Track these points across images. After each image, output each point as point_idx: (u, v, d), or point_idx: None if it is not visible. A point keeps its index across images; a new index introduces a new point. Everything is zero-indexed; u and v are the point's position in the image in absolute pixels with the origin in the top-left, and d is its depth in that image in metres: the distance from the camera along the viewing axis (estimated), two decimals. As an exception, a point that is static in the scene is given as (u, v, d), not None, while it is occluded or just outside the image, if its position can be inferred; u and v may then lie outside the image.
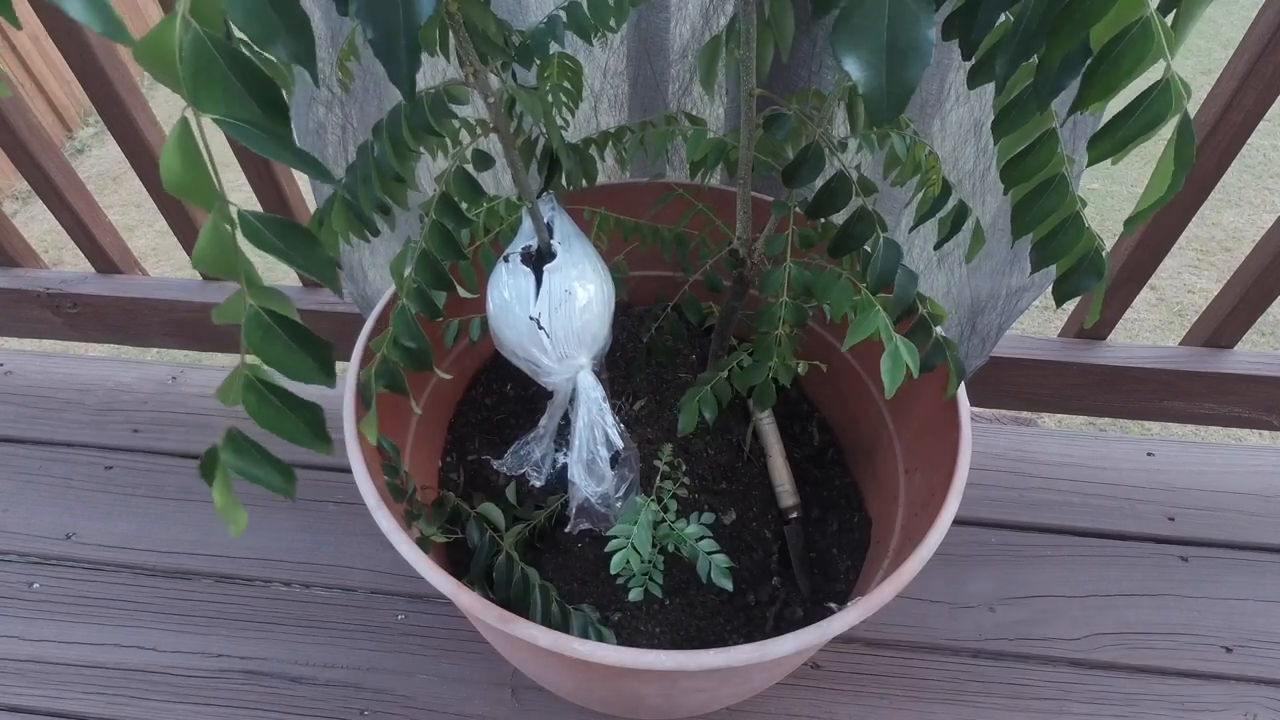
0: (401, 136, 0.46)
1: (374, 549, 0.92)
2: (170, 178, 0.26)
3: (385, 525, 0.55)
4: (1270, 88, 0.73)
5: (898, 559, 0.60)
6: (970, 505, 0.95)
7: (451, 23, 0.44)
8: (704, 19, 0.71)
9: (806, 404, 0.89)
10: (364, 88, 0.75)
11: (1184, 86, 0.32)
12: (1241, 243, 2.42)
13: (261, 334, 0.31)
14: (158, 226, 2.68)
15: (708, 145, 0.62)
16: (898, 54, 0.29)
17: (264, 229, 0.29)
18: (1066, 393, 1.02)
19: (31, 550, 0.94)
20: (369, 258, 0.93)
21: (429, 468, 0.80)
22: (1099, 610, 0.87)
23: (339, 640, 0.85)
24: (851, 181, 0.52)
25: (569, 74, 0.62)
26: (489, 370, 0.88)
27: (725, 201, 0.70)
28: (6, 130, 0.92)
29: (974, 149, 0.75)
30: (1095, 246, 0.44)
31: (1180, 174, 0.33)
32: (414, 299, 0.52)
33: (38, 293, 1.09)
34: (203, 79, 0.26)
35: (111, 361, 1.15)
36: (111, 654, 0.85)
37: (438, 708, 0.80)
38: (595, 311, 0.58)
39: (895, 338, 0.51)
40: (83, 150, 3.23)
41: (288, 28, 0.27)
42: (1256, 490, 0.97)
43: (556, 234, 0.59)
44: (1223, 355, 0.98)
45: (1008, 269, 0.86)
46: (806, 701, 0.81)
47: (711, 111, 0.79)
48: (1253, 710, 0.80)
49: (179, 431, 1.05)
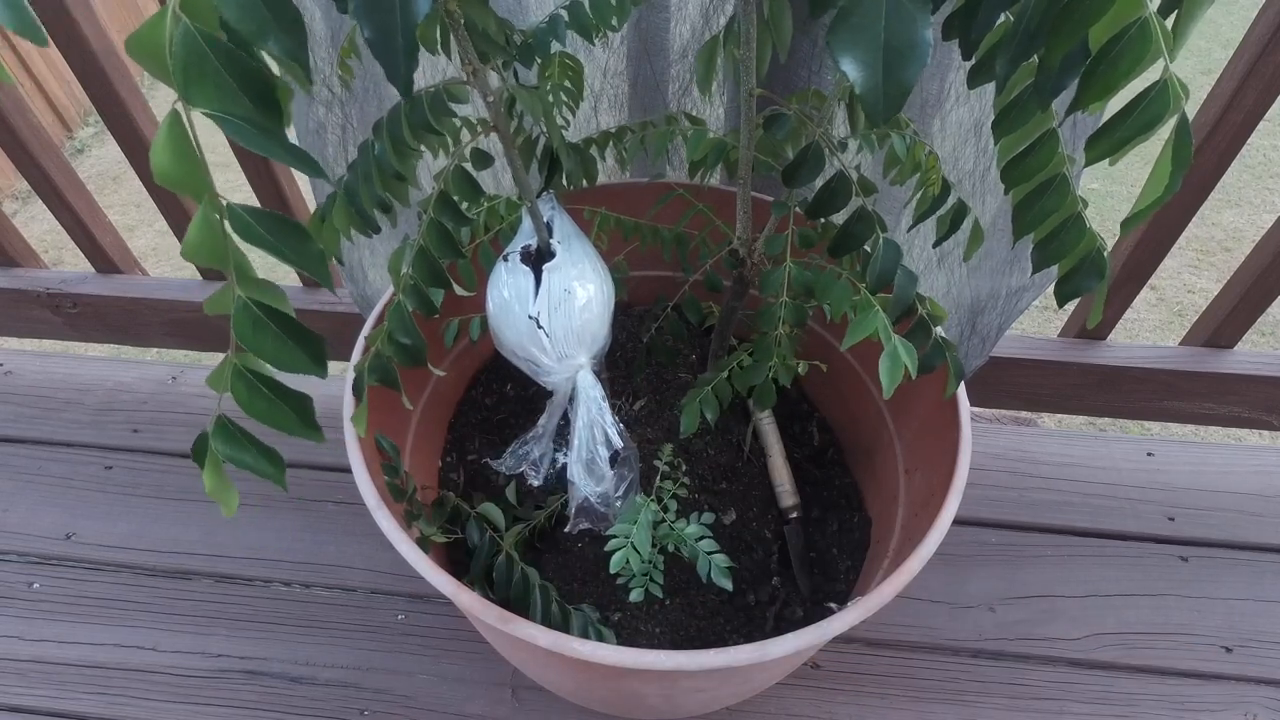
0: (402, 135, 0.46)
1: (374, 549, 0.92)
2: (160, 169, 0.27)
3: (385, 525, 0.55)
4: (1270, 88, 0.73)
5: (898, 559, 0.60)
6: (970, 505, 0.95)
7: (451, 21, 0.44)
8: (704, 19, 0.71)
9: (806, 404, 0.89)
10: (364, 87, 0.75)
11: (1182, 87, 0.32)
12: (1241, 243, 2.42)
13: (251, 325, 0.31)
14: (158, 226, 2.68)
15: (708, 145, 0.62)
16: (895, 54, 0.29)
17: (255, 223, 0.29)
18: (1066, 393, 1.02)
19: (31, 550, 0.94)
20: (369, 257, 0.93)
21: (429, 468, 0.80)
22: (1099, 610, 0.87)
23: (339, 640, 0.85)
24: (851, 181, 0.52)
25: (570, 73, 0.62)
26: (489, 370, 0.88)
27: (725, 201, 0.70)
28: (6, 130, 0.92)
29: (974, 149, 0.75)
30: (1097, 247, 0.44)
31: (1178, 174, 0.33)
32: (410, 295, 0.52)
33: (38, 293, 1.09)
34: (194, 73, 0.26)
35: (111, 361, 1.15)
36: (111, 654, 0.85)
37: (438, 708, 0.80)
38: (595, 311, 0.58)
39: (894, 338, 0.51)
40: (83, 150, 3.23)
41: (280, 24, 0.27)
42: (1256, 490, 0.97)
43: (556, 233, 0.59)
44: (1223, 355, 0.98)
45: (1008, 269, 0.86)
46: (806, 701, 0.81)
47: (711, 111, 0.79)
48: (1252, 710, 0.80)
49: (179, 431, 1.05)
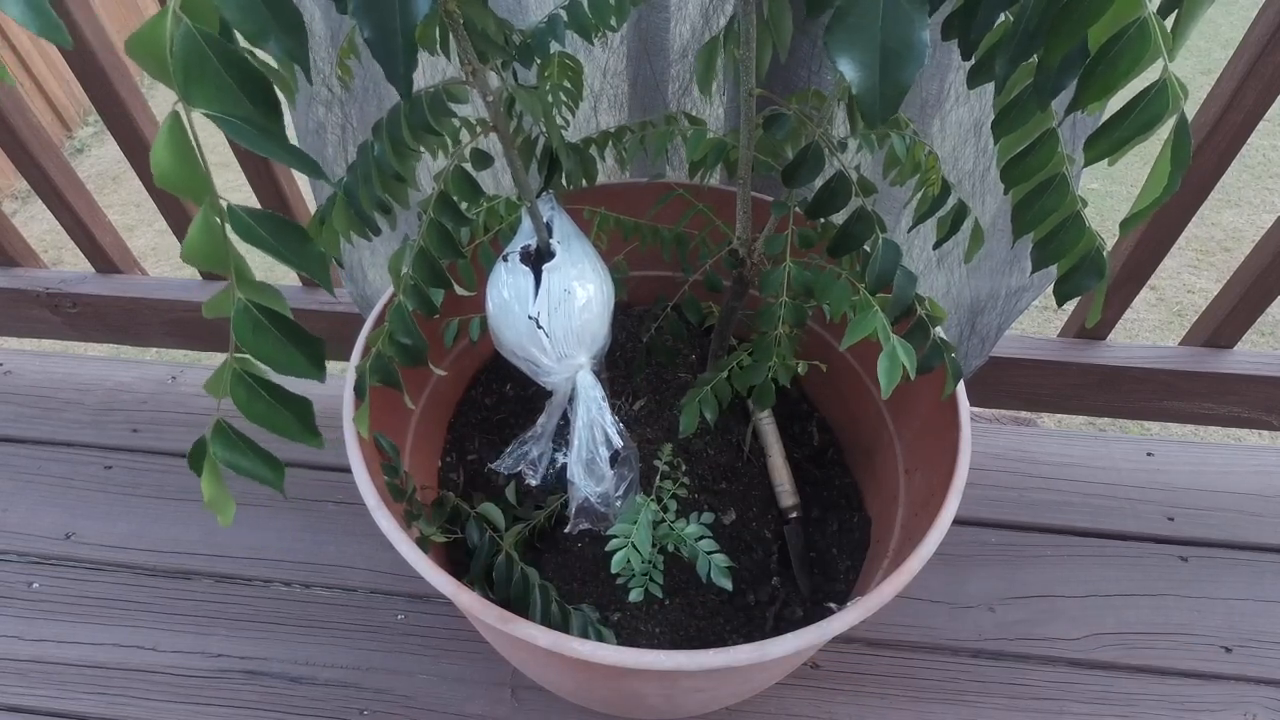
0: (401, 136, 0.46)
1: (374, 549, 0.92)
2: (161, 171, 0.26)
3: (385, 525, 0.55)
4: (1270, 88, 0.73)
5: (898, 559, 0.60)
6: (970, 505, 0.95)
7: (450, 21, 0.44)
8: (704, 19, 0.71)
9: (806, 404, 0.89)
10: (364, 87, 0.75)
11: (1181, 87, 0.32)
12: (1241, 243, 2.41)
13: (251, 328, 0.31)
14: (157, 226, 2.68)
15: (707, 145, 0.62)
16: (892, 54, 0.29)
17: (255, 224, 0.29)
18: (1066, 393, 1.02)
19: (31, 550, 0.94)
20: (369, 258, 0.93)
21: (429, 468, 0.80)
22: (1099, 610, 0.87)
23: (339, 640, 0.85)
24: (851, 181, 0.52)
25: (569, 73, 0.62)
26: (489, 370, 0.88)
27: (725, 201, 0.70)
28: (6, 130, 0.92)
29: (974, 149, 0.75)
30: (1096, 246, 0.44)
31: (1177, 175, 0.33)
32: (411, 296, 0.52)
33: (37, 292, 1.09)
34: (194, 74, 0.26)
35: (111, 361, 1.15)
36: (111, 654, 0.85)
37: (438, 708, 0.80)
38: (594, 311, 0.58)
39: (893, 338, 0.51)
40: (82, 150, 3.23)
41: (281, 24, 0.27)
42: (1256, 490, 0.97)
43: (556, 233, 0.59)
44: (1222, 355, 0.98)
45: (1007, 269, 0.86)
46: (806, 701, 0.81)
47: (711, 111, 0.79)
48: (1252, 710, 0.80)
49: (179, 431, 1.05)
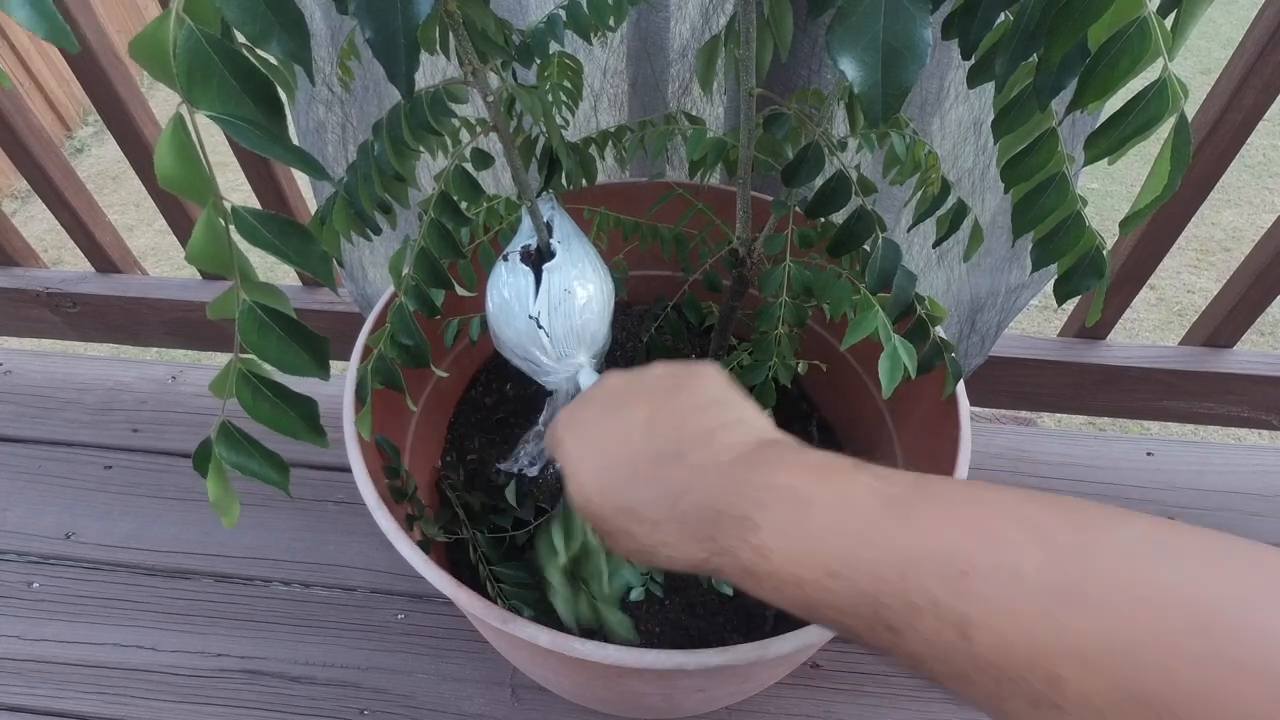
0: (401, 135, 0.46)
1: (374, 549, 0.92)
2: (164, 173, 0.27)
3: (385, 525, 0.55)
4: (1270, 88, 0.73)
5: (897, 558, 0.60)
6: (970, 505, 0.95)
7: (451, 22, 0.44)
8: (704, 19, 0.71)
9: (806, 404, 0.89)
10: (364, 87, 0.75)
11: (1181, 87, 0.32)
12: (1241, 243, 2.42)
13: (256, 329, 0.31)
14: (157, 226, 2.68)
15: (707, 145, 0.62)
16: (894, 54, 0.29)
17: (259, 225, 0.29)
18: (1066, 392, 1.02)
19: (31, 550, 0.94)
20: (369, 257, 0.93)
21: (429, 468, 0.80)
22: (1098, 610, 0.87)
23: (339, 640, 0.85)
24: (851, 181, 0.52)
25: (569, 73, 0.62)
26: (489, 370, 0.88)
27: (725, 201, 0.70)
28: (6, 130, 0.92)
29: (973, 148, 0.75)
30: (1096, 245, 0.44)
31: (1176, 174, 0.33)
32: (412, 296, 0.52)
33: (37, 292, 1.09)
34: (197, 76, 0.26)
35: (111, 361, 1.15)
36: (111, 654, 0.85)
37: (438, 707, 0.80)
38: (595, 310, 0.58)
39: (894, 338, 0.51)
40: (82, 150, 3.23)
41: (283, 25, 0.27)
42: (1256, 490, 0.97)
43: (556, 233, 0.59)
44: (1222, 355, 0.98)
45: (1007, 267, 0.86)
46: (806, 701, 0.81)
47: (711, 111, 0.79)
48: (1252, 710, 0.80)
49: (179, 431, 1.05)
